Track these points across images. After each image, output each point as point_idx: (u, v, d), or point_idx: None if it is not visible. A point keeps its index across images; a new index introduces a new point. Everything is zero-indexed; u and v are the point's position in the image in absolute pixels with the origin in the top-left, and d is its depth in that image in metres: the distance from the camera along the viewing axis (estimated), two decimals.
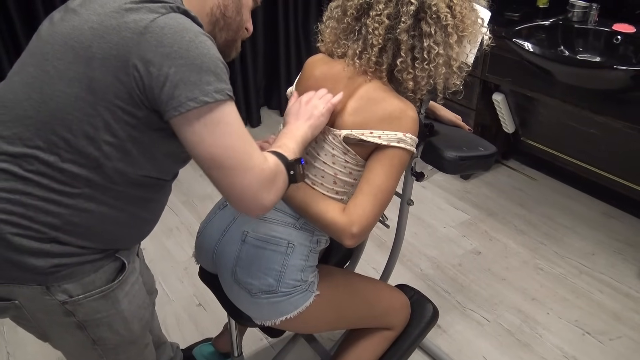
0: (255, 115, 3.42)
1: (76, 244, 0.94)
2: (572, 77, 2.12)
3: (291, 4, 3.20)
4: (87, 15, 0.87)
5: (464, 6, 1.11)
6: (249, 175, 0.88)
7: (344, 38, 1.18)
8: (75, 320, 0.99)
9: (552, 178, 2.84)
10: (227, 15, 1.00)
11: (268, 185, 0.90)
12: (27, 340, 1.91)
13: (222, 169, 0.87)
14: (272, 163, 0.92)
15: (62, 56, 0.87)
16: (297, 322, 1.21)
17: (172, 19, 0.84)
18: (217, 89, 0.85)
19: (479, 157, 1.38)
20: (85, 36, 0.85)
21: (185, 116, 0.84)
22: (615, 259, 2.28)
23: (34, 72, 0.89)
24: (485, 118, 2.72)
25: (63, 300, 0.96)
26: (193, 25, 0.86)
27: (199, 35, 0.85)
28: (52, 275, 0.93)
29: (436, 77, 1.13)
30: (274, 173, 0.92)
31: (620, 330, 1.94)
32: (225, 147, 0.86)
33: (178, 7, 0.87)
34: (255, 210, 0.92)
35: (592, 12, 2.25)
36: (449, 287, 2.16)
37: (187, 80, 0.82)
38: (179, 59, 0.82)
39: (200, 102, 0.83)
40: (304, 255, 1.19)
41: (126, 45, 0.82)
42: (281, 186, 0.94)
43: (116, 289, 1.01)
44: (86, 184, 0.90)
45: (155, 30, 0.82)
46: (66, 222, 0.91)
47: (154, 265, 2.26)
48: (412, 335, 1.44)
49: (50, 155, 0.88)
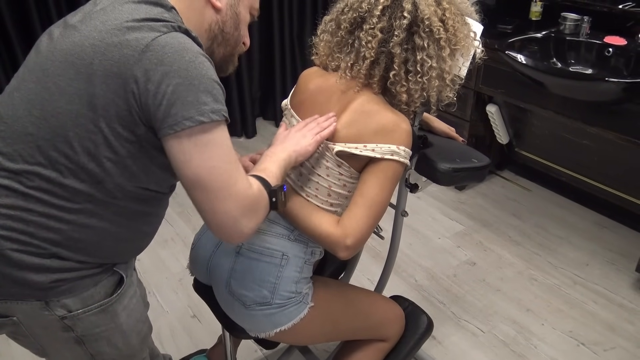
0: (251, 126, 3.42)
1: (76, 259, 0.93)
2: (565, 89, 2.14)
3: (286, 16, 3.22)
4: (87, 32, 0.87)
5: (456, 20, 1.12)
6: (232, 201, 0.87)
7: (337, 51, 1.19)
8: (74, 335, 0.99)
9: (546, 189, 2.86)
10: (225, 31, 1.01)
11: (249, 213, 0.90)
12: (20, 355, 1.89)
13: (206, 191, 0.87)
14: (255, 189, 0.92)
15: (63, 72, 0.87)
16: (291, 334, 1.21)
17: (174, 38, 0.85)
18: (213, 109, 0.85)
19: (472, 168, 1.38)
20: (86, 53, 0.85)
21: (178, 135, 0.84)
22: (609, 270, 2.28)
23: (35, 89, 0.89)
24: (479, 129, 2.73)
25: (62, 315, 0.95)
26: (193, 45, 0.87)
27: (199, 56, 0.86)
28: (51, 291, 0.93)
29: (429, 90, 1.14)
30: (256, 200, 0.92)
31: (614, 341, 1.94)
32: (211, 169, 0.86)
33: (179, 26, 0.88)
34: (234, 238, 0.91)
35: (583, 24, 2.28)
36: (443, 298, 2.16)
37: (184, 100, 0.83)
38: (177, 78, 0.83)
39: (195, 121, 0.83)
40: (298, 267, 1.19)
41: (127, 62, 0.83)
42: (262, 214, 0.94)
43: (115, 303, 1.01)
44: (87, 200, 0.91)
45: (156, 48, 0.83)
46: (67, 238, 0.91)
47: (148, 276, 2.25)
48: (406, 346, 1.44)
49: (52, 171, 0.88)
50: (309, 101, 1.20)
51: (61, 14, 2.51)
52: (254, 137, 3.45)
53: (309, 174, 1.18)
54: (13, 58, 2.51)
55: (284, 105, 1.29)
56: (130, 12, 0.88)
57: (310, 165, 1.17)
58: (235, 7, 1.02)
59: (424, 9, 1.08)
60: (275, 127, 3.56)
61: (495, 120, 2.66)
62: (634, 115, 1.97)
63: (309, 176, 1.18)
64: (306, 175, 1.18)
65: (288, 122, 1.24)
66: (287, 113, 1.26)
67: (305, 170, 1.18)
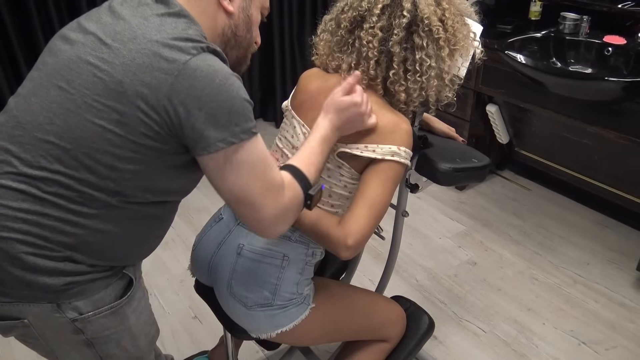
0: None
1: (88, 263, 0.94)
2: (565, 88, 2.14)
3: (286, 16, 3.23)
4: (117, 50, 0.86)
5: (455, 20, 1.13)
6: (264, 211, 0.93)
7: (337, 51, 1.19)
8: (85, 337, 0.99)
9: (546, 188, 2.86)
10: (238, 34, 1.02)
11: (280, 219, 0.96)
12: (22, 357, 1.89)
13: (240, 204, 0.93)
14: (287, 196, 0.96)
15: (91, 87, 0.86)
16: (292, 335, 1.21)
17: (204, 62, 0.85)
18: (243, 129, 0.88)
19: (473, 168, 1.38)
20: (116, 71, 0.85)
21: (211, 156, 0.88)
22: (610, 269, 2.29)
23: (57, 98, 0.89)
24: (479, 129, 2.74)
25: (73, 318, 0.95)
26: (223, 66, 0.88)
27: (229, 77, 0.88)
28: (63, 293, 0.93)
29: (428, 90, 1.15)
30: (288, 207, 0.96)
31: (616, 340, 1.94)
32: (244, 187, 0.90)
33: (208, 46, 0.88)
34: (269, 236, 1.00)
35: (583, 24, 2.28)
36: (444, 298, 2.16)
37: (216, 123, 0.85)
38: (209, 102, 0.85)
39: (228, 142, 0.87)
40: (299, 268, 1.19)
41: (158, 85, 0.84)
42: (294, 215, 1.00)
43: (125, 305, 1.01)
44: (103, 206, 0.91)
45: (187, 72, 0.84)
46: (81, 242, 0.92)
47: (149, 277, 2.25)
48: (408, 347, 1.44)
49: (70, 179, 0.88)
50: (310, 102, 1.20)
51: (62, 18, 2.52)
52: None
53: None
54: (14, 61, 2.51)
55: (284, 106, 1.29)
56: (157, 28, 0.87)
57: None
58: (247, 9, 1.02)
59: (423, 9, 1.08)
60: (275, 128, 3.56)
61: (495, 120, 2.66)
62: (634, 114, 1.97)
63: None
64: None
65: (289, 124, 1.24)
66: (288, 114, 1.26)
67: None
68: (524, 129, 2.73)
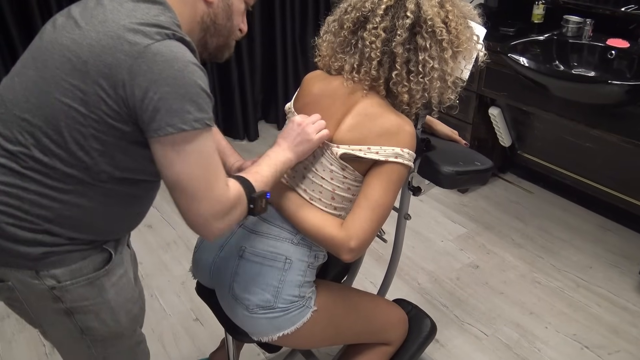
0: (253, 129, 3.43)
1: (66, 236, 0.98)
2: (567, 91, 2.14)
3: (288, 18, 3.23)
4: (87, 31, 0.90)
5: (459, 22, 1.12)
6: (204, 205, 0.92)
7: (340, 52, 1.19)
8: (64, 306, 1.03)
9: (548, 191, 2.85)
10: (217, 22, 1.03)
11: (220, 217, 0.94)
12: (22, 358, 1.89)
13: (183, 193, 0.92)
14: (232, 195, 0.96)
15: (60, 66, 0.90)
16: (294, 338, 1.21)
17: (166, 47, 0.87)
18: (196, 118, 0.88)
19: (475, 171, 1.38)
20: (82, 51, 0.89)
21: (161, 139, 0.88)
22: (613, 272, 2.28)
23: (34, 77, 0.93)
24: (481, 132, 2.73)
25: (51, 286, 1.00)
26: (185, 53, 0.89)
27: (189, 65, 0.88)
28: (41, 261, 0.98)
29: (431, 91, 1.14)
30: (230, 206, 0.95)
31: (619, 345, 1.93)
32: (190, 176, 0.91)
33: (174, 33, 0.90)
34: (204, 235, 0.97)
35: (586, 27, 2.28)
36: (446, 301, 2.15)
37: (169, 107, 0.87)
38: (165, 86, 0.86)
39: (177, 129, 0.87)
40: (301, 270, 1.19)
41: (119, 66, 0.86)
42: (236, 217, 0.98)
43: (102, 277, 1.05)
44: (77, 182, 0.95)
45: (148, 56, 0.86)
46: (58, 216, 0.96)
47: (150, 279, 2.25)
48: (410, 350, 1.44)
49: (44, 156, 0.92)
50: (313, 104, 1.20)
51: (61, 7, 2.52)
52: (256, 140, 3.45)
53: (313, 177, 1.17)
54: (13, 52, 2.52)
55: (287, 108, 1.29)
56: (128, 13, 0.90)
57: (314, 169, 1.17)
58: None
59: (427, 10, 1.08)
60: (277, 130, 3.56)
61: (498, 123, 2.66)
62: (637, 117, 1.97)
63: (312, 179, 1.18)
64: (310, 179, 1.18)
65: None
66: (291, 116, 1.25)
67: (308, 174, 1.18)
68: (526, 132, 2.73)
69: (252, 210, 1.01)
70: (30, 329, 1.18)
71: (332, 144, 1.15)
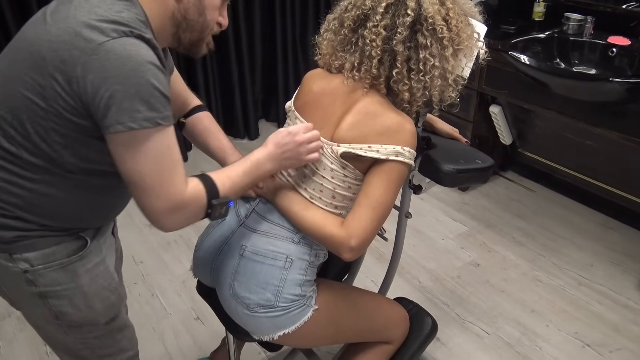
0: (254, 128, 3.43)
1: (38, 222, 1.00)
2: (568, 89, 2.13)
3: (289, 16, 3.22)
4: (49, 27, 0.91)
5: (459, 20, 1.12)
6: (155, 201, 0.94)
7: (340, 50, 1.18)
8: (37, 290, 1.05)
9: (549, 189, 2.85)
10: (189, 18, 1.02)
11: (171, 213, 0.95)
12: (23, 356, 1.89)
13: (135, 188, 0.94)
14: (187, 194, 0.96)
15: (23, 60, 0.92)
16: (295, 337, 1.21)
17: (120, 45, 0.87)
18: (146, 117, 0.88)
19: (476, 169, 1.38)
20: (42, 47, 0.90)
21: (112, 136, 0.90)
22: (614, 270, 2.27)
23: (3, 69, 0.96)
24: (482, 130, 2.73)
25: (24, 269, 1.02)
26: (141, 51, 0.88)
27: (144, 65, 0.88)
28: (14, 244, 1.00)
29: (432, 89, 1.14)
30: (181, 204, 0.96)
31: (620, 342, 1.93)
32: (141, 173, 0.92)
33: (132, 31, 0.89)
34: (158, 228, 0.98)
35: (587, 24, 2.28)
36: (448, 299, 2.15)
37: (119, 106, 0.87)
38: (116, 84, 0.86)
39: (127, 127, 0.88)
40: (302, 269, 1.19)
41: (73, 62, 0.87)
42: (189, 216, 0.99)
43: (76, 263, 1.06)
44: (45, 172, 0.96)
45: (101, 53, 0.86)
46: (28, 204, 0.98)
47: (151, 278, 2.25)
48: (411, 348, 1.44)
49: (11, 145, 0.95)
50: (313, 103, 1.20)
51: None
52: (256, 139, 3.45)
53: (313, 176, 1.17)
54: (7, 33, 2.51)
55: (287, 107, 1.29)
56: (91, 9, 0.90)
57: (315, 167, 1.17)
58: None
59: (427, 7, 1.08)
60: (278, 128, 3.56)
61: (499, 121, 2.66)
62: (638, 115, 1.96)
63: (313, 178, 1.17)
64: (310, 177, 1.18)
65: (292, 124, 1.23)
66: (291, 115, 1.25)
67: (309, 172, 1.18)
68: (527, 130, 2.73)
69: (209, 214, 1.00)
70: (31, 328, 1.19)
71: (332, 142, 1.14)
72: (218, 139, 1.33)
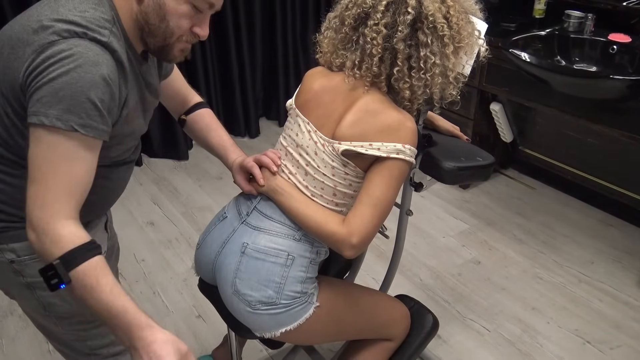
0: (254, 126, 3.43)
1: (21, 216, 0.98)
2: (569, 86, 2.13)
3: (289, 15, 3.22)
4: (14, 24, 0.94)
5: (460, 18, 1.12)
6: (33, 197, 0.90)
7: (341, 48, 1.19)
8: (24, 281, 1.07)
9: (550, 187, 2.85)
10: (149, 22, 0.99)
11: (31, 232, 0.91)
12: (25, 354, 1.90)
13: (29, 179, 0.90)
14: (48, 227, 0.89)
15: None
16: (297, 334, 1.21)
17: (68, 45, 0.87)
18: (60, 117, 0.87)
19: (477, 167, 1.38)
20: (4, 42, 0.93)
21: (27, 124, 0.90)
22: (615, 268, 2.28)
23: None
24: (483, 128, 2.73)
25: (11, 259, 1.04)
26: (87, 54, 0.88)
27: (84, 68, 0.87)
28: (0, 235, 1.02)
29: (432, 87, 1.14)
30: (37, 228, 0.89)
31: (621, 339, 1.93)
32: (37, 166, 0.89)
33: (85, 32, 0.89)
34: None
35: (587, 22, 2.27)
36: (448, 297, 2.15)
37: (40, 99, 0.87)
38: (48, 81, 0.86)
39: (38, 120, 0.87)
40: (303, 266, 1.19)
41: (21, 59, 0.89)
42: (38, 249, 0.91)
43: None
44: (23, 167, 0.95)
45: (46, 52, 0.87)
46: (11, 198, 1.01)
47: (153, 276, 2.26)
48: (412, 346, 1.44)
49: None
50: (314, 101, 1.20)
51: None
52: (257, 137, 3.45)
53: (314, 173, 1.18)
54: None
55: (288, 105, 1.29)
56: (55, 8, 0.90)
57: (316, 165, 1.17)
58: None
59: (428, 5, 1.08)
60: (278, 126, 3.56)
61: (499, 118, 2.66)
62: (639, 112, 1.96)
63: (314, 175, 1.18)
64: (311, 175, 1.18)
65: (293, 123, 1.24)
66: (292, 113, 1.26)
67: (310, 170, 1.18)
68: (528, 128, 2.73)
69: (44, 269, 0.88)
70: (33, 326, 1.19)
71: (333, 140, 1.15)
72: (219, 135, 1.33)
